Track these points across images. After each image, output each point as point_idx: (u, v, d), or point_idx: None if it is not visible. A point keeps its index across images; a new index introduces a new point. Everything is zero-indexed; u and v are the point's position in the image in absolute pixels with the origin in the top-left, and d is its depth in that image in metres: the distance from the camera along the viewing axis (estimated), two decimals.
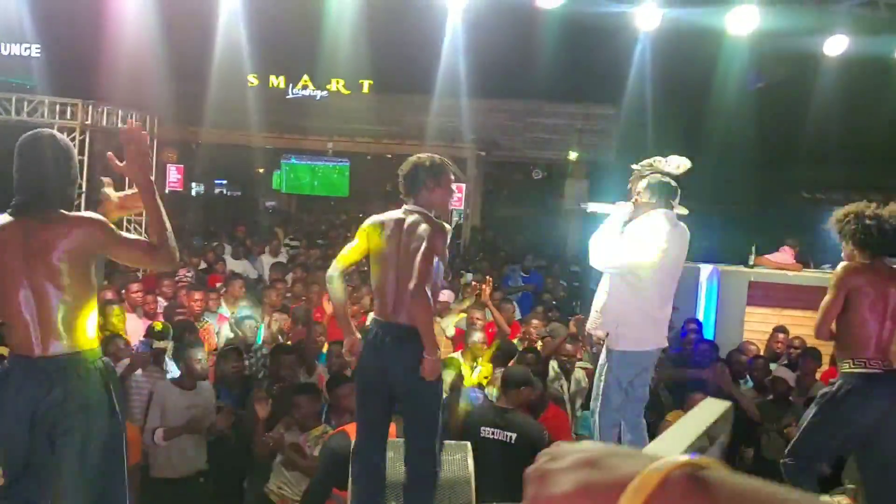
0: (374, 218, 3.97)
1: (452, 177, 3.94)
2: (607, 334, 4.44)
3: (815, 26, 8.55)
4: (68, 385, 3.03)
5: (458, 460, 4.20)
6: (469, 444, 4.48)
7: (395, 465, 4.07)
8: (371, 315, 4.24)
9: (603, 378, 4.49)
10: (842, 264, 4.12)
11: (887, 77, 11.01)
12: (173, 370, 5.82)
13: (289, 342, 6.83)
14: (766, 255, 8.48)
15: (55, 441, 3.03)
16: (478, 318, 6.95)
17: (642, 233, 4.31)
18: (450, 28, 14.33)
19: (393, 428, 4.13)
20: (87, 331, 3.14)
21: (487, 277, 7.81)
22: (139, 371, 5.63)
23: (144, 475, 5.25)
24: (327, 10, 12.54)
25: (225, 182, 30.04)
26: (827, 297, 4.03)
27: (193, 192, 26.71)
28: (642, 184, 4.48)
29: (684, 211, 4.55)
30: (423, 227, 3.72)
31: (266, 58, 17.02)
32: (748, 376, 6.96)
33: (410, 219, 3.80)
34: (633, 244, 4.30)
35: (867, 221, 3.98)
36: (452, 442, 4.43)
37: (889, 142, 14.56)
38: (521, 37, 14.94)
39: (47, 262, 3.01)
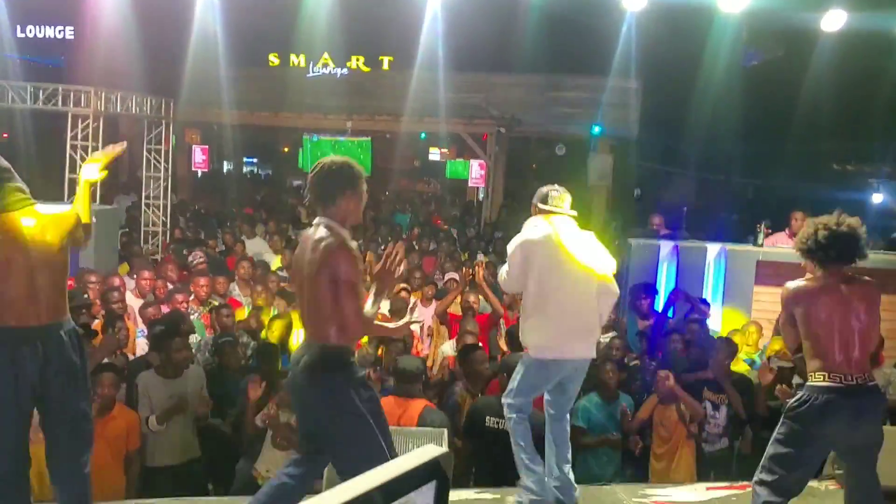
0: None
1: (365, 186, 3.66)
2: None
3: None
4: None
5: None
6: (444, 431, 4.53)
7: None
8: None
9: None
10: (787, 283, 3.91)
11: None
12: None
13: None
14: (776, 234, 8.27)
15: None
16: (473, 303, 6.94)
17: None
18: (468, 2, 14.18)
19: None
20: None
21: (479, 259, 7.77)
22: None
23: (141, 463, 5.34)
24: None
25: (255, 161, 30.26)
26: (780, 316, 3.96)
27: (225, 171, 26.97)
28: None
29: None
30: (328, 253, 3.41)
31: (286, 37, 17.06)
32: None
33: (318, 233, 3.50)
34: None
35: (821, 233, 3.81)
36: (424, 429, 4.49)
37: None
38: (540, 9, 14.76)
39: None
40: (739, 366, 6.50)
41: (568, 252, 4.32)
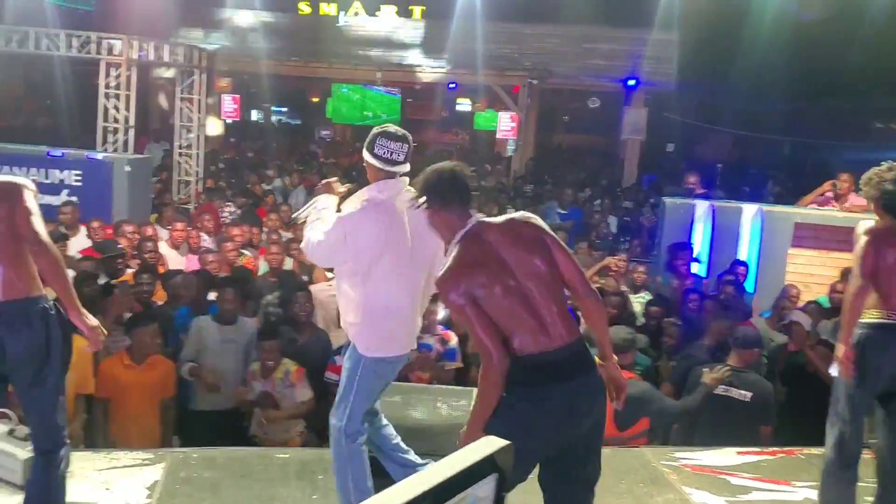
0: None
1: None
2: None
3: None
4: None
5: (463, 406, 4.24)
6: None
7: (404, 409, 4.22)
8: None
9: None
10: (866, 222, 3.98)
11: None
12: None
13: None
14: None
15: None
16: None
17: None
18: None
19: None
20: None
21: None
22: None
23: (182, 408, 5.38)
24: None
25: (285, 110, 30.16)
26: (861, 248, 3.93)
27: (254, 118, 26.98)
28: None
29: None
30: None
31: None
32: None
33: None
34: None
35: (888, 186, 3.87)
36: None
37: None
38: None
39: None
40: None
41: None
